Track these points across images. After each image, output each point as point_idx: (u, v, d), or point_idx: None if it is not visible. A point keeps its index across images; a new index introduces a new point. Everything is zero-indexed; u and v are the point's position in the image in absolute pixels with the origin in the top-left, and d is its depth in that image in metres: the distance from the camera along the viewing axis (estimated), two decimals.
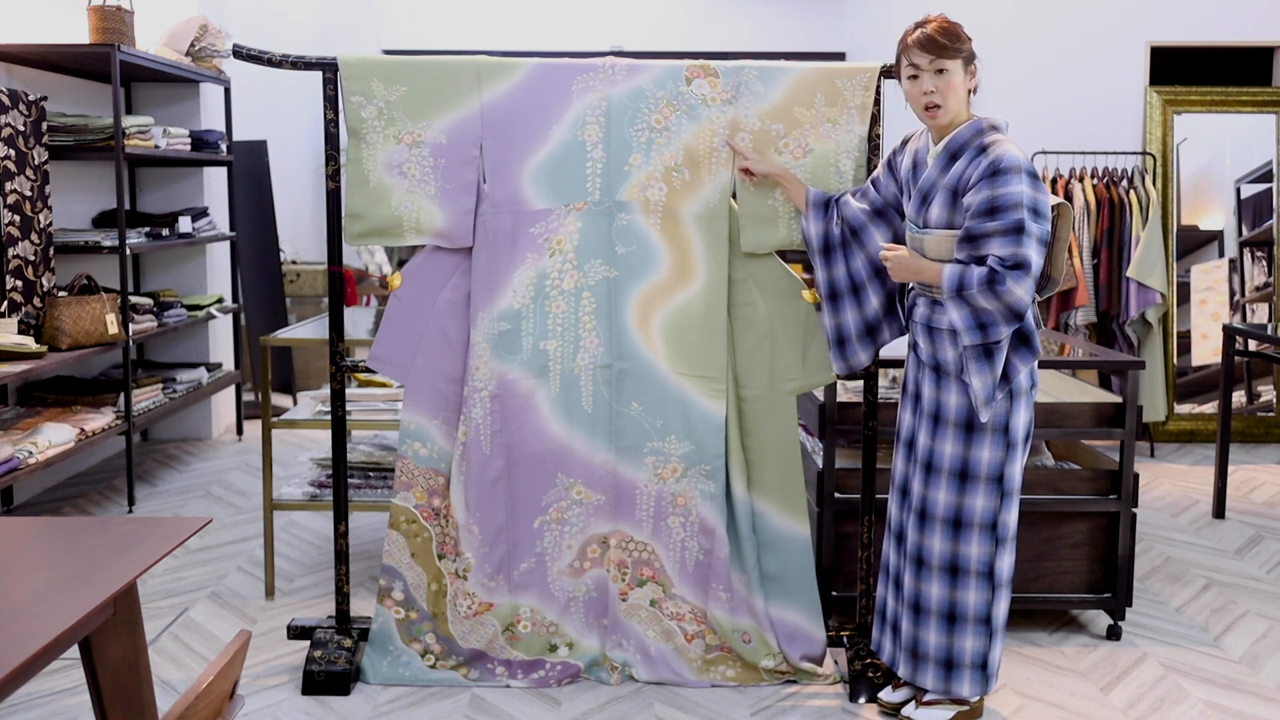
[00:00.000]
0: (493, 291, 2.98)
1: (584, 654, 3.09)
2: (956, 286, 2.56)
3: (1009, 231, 2.50)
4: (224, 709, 1.73)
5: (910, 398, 2.84)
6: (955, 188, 2.62)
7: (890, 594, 2.90)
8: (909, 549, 2.79)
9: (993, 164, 2.55)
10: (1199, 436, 5.83)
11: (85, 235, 4.63)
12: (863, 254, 2.90)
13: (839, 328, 2.94)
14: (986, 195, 2.53)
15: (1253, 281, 5.85)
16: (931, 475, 2.73)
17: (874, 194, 2.88)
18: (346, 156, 2.95)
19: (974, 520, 2.70)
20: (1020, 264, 2.49)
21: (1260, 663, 3.26)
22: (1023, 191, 2.51)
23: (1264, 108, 5.85)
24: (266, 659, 3.20)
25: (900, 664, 2.85)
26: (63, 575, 1.88)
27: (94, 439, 4.23)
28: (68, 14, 4.78)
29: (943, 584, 2.74)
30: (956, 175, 2.62)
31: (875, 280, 2.91)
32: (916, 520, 2.77)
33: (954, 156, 2.64)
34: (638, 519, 3.05)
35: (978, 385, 2.60)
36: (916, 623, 2.79)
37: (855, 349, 2.94)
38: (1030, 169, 2.56)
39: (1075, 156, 5.72)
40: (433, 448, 3.03)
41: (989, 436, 2.67)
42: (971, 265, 2.55)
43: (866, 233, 2.88)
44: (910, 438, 2.83)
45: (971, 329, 2.57)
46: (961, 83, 2.65)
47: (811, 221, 2.91)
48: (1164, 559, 4.10)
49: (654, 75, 2.97)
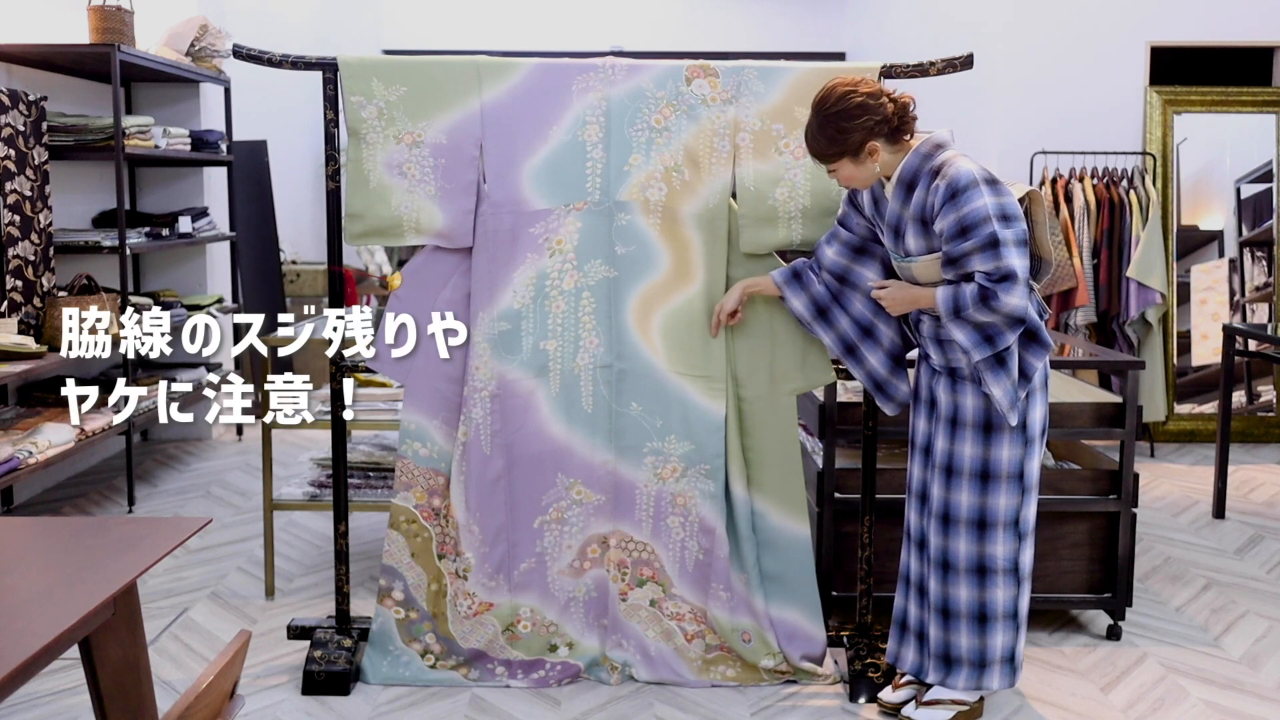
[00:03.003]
0: (493, 291, 2.98)
1: (584, 654, 3.09)
2: (953, 309, 2.56)
3: (985, 247, 2.48)
4: (224, 709, 1.73)
5: (924, 404, 2.83)
6: (922, 216, 2.61)
7: (913, 602, 2.88)
8: (933, 554, 2.77)
9: (950, 185, 2.53)
10: (1199, 436, 5.83)
11: (85, 235, 4.64)
12: (858, 295, 2.88)
13: (870, 375, 2.92)
14: (953, 219, 2.52)
15: (1253, 281, 5.85)
16: (953, 478, 2.72)
17: (846, 234, 2.87)
18: (346, 156, 2.95)
19: (998, 519, 2.70)
20: (1006, 275, 2.48)
21: (1260, 663, 3.26)
22: (986, 204, 2.49)
23: (1264, 108, 5.85)
24: (266, 659, 3.20)
25: (930, 671, 2.82)
26: (63, 575, 1.88)
27: (94, 439, 4.23)
28: (68, 14, 4.78)
29: (971, 586, 2.73)
30: (919, 204, 2.60)
31: (880, 314, 2.89)
32: (939, 525, 2.75)
33: (910, 187, 2.62)
34: (637, 519, 3.05)
35: (999, 394, 2.59)
36: (947, 627, 2.77)
37: (895, 386, 2.92)
38: (987, 177, 2.54)
39: (1075, 156, 5.72)
40: (433, 448, 3.03)
41: (1007, 435, 2.67)
42: (962, 285, 2.54)
43: (854, 274, 2.88)
44: (926, 443, 2.81)
45: (978, 344, 2.56)
46: (865, 162, 2.63)
47: (792, 299, 2.90)
48: (1164, 559, 4.10)
49: (654, 75, 2.96)
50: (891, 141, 2.63)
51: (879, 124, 2.59)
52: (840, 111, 2.58)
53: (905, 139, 2.64)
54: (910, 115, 2.64)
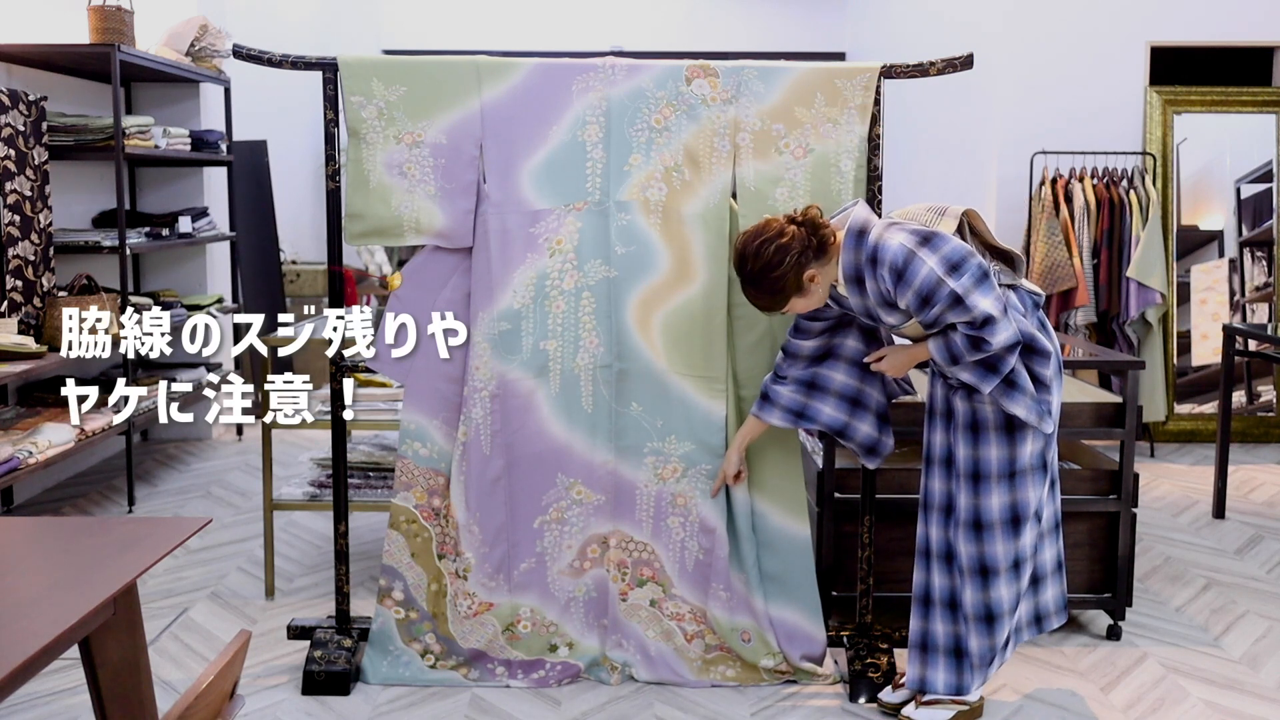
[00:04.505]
0: (493, 291, 2.98)
1: (584, 654, 3.09)
2: (950, 359, 2.59)
3: (951, 306, 2.50)
4: (224, 709, 1.73)
5: (940, 416, 2.81)
6: (884, 300, 2.62)
7: (941, 620, 2.82)
8: (966, 563, 2.75)
9: (892, 268, 2.53)
10: (1199, 436, 5.83)
11: (85, 235, 4.64)
12: (841, 366, 2.88)
13: (862, 444, 2.94)
14: (910, 295, 2.53)
15: (1253, 281, 5.85)
16: (981, 483, 2.71)
17: (813, 323, 2.86)
18: (346, 156, 2.95)
19: (1027, 513, 2.72)
20: (984, 320, 2.49)
21: (1260, 663, 3.26)
22: (931, 269, 2.49)
23: (1264, 108, 5.85)
24: (266, 659, 3.20)
25: (974, 685, 2.81)
26: (63, 575, 1.88)
27: (94, 439, 4.23)
28: (68, 14, 4.78)
29: (1010, 583, 2.74)
30: (875, 293, 2.61)
31: (866, 379, 2.90)
32: (971, 533, 2.74)
33: (859, 280, 2.62)
34: (638, 519, 3.05)
35: (1022, 412, 2.61)
36: (992, 632, 2.76)
37: (884, 443, 2.94)
38: (918, 240, 2.53)
39: (1075, 156, 5.71)
40: (433, 448, 3.03)
41: (1030, 430, 2.68)
42: (949, 333, 2.56)
43: (837, 346, 2.89)
44: (946, 454, 2.80)
45: (985, 378, 2.58)
46: (811, 293, 2.65)
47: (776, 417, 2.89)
48: (1164, 559, 4.10)
49: (654, 75, 2.97)
50: (820, 255, 2.63)
51: (803, 253, 2.60)
52: (764, 265, 2.60)
53: (830, 244, 2.64)
54: (820, 223, 2.64)
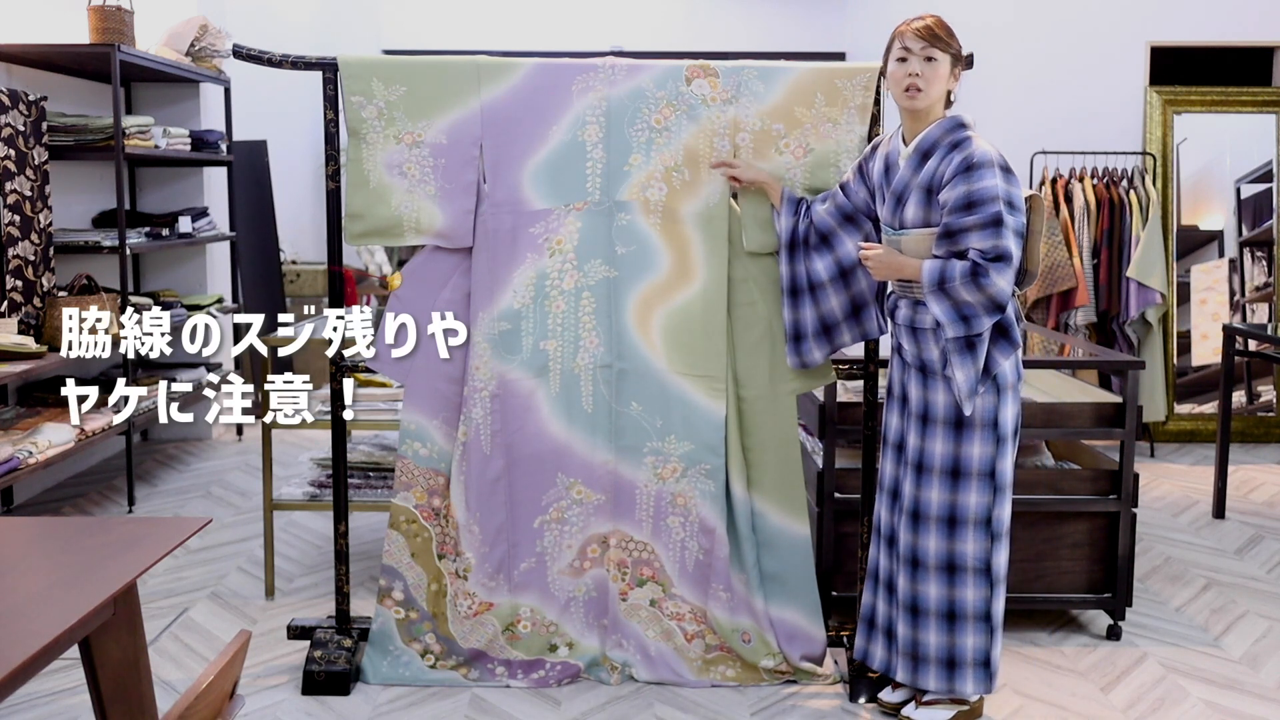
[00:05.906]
0: (493, 291, 2.98)
1: (584, 654, 3.09)
2: (938, 280, 2.57)
3: (987, 225, 2.52)
4: (224, 709, 1.73)
5: (897, 400, 2.84)
6: (930, 185, 2.64)
7: (881, 599, 2.89)
8: (902, 551, 2.78)
9: (966, 159, 2.58)
10: (1199, 436, 5.83)
11: (85, 235, 4.63)
12: (829, 256, 2.91)
13: (796, 324, 2.96)
14: (963, 190, 2.56)
15: (1253, 281, 5.85)
16: (923, 475, 2.73)
17: (843, 199, 2.89)
18: (346, 156, 2.95)
19: (968, 517, 2.70)
20: (1001, 255, 2.52)
21: (1260, 663, 3.26)
22: (997, 185, 2.55)
23: (1264, 108, 5.85)
24: (266, 659, 3.20)
25: (898, 669, 2.83)
26: (63, 575, 1.88)
27: (94, 439, 4.23)
28: (68, 14, 4.78)
29: (940, 583, 2.73)
30: (930, 173, 2.64)
31: (838, 282, 2.92)
32: (909, 521, 2.76)
33: (926, 155, 2.66)
34: (638, 519, 3.05)
35: (960, 378, 2.61)
36: (915, 625, 2.78)
37: (810, 346, 2.95)
38: (1003, 164, 2.60)
39: (1075, 156, 5.71)
40: (433, 448, 3.03)
41: (978, 432, 2.67)
42: (952, 259, 2.57)
43: (835, 237, 2.90)
44: (899, 440, 2.83)
45: (954, 321, 2.58)
46: (945, 78, 2.68)
47: (784, 216, 2.94)
48: (1164, 559, 4.10)
49: (654, 75, 2.97)
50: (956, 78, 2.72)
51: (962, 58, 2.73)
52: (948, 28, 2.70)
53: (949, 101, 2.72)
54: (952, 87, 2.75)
